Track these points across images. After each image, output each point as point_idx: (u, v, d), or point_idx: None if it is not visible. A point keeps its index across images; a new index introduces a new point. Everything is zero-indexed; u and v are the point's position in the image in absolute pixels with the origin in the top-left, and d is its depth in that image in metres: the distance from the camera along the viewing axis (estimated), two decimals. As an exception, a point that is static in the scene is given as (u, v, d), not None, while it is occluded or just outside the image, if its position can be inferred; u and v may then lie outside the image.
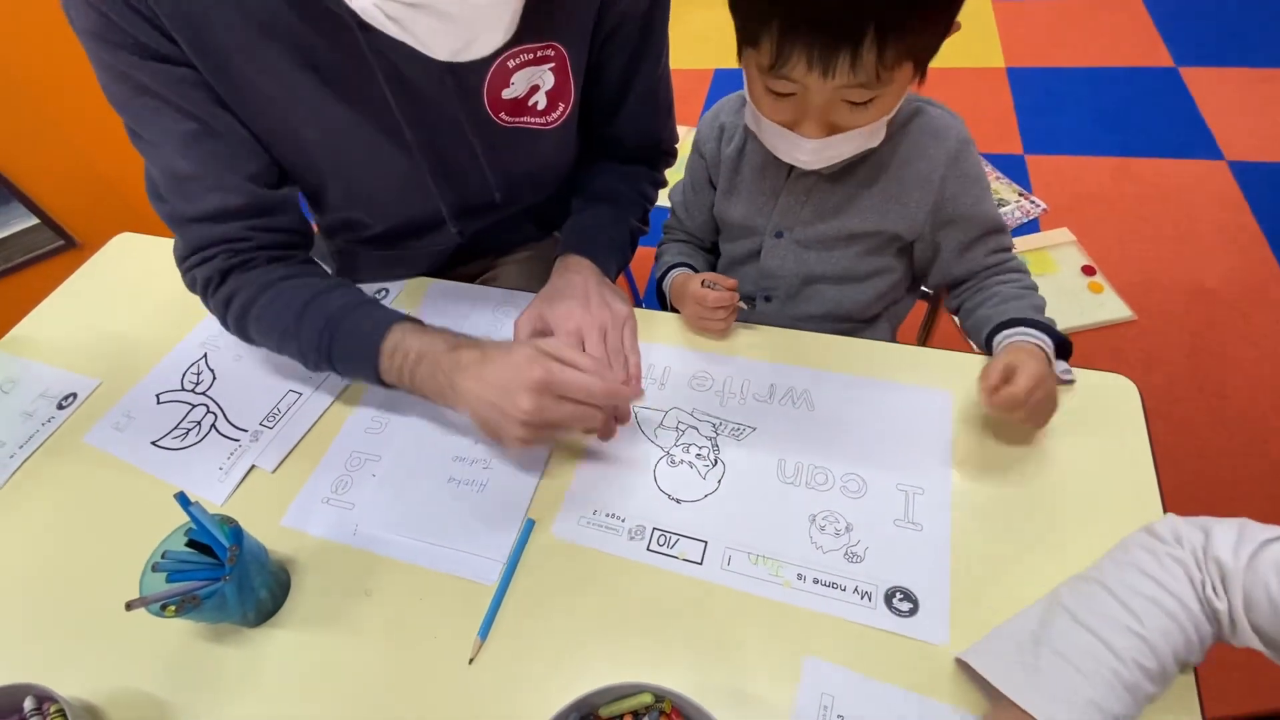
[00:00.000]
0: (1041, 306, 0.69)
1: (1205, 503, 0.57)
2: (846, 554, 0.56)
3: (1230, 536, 0.43)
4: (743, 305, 0.71)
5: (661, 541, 0.57)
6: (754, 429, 0.65)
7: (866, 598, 0.53)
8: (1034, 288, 0.71)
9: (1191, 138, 1.88)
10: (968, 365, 0.68)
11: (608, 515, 0.59)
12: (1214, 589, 0.43)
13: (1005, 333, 0.66)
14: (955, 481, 0.59)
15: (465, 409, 0.60)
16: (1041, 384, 0.57)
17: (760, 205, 0.76)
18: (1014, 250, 0.74)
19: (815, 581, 0.54)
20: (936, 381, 0.67)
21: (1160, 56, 2.16)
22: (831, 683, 0.49)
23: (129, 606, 0.49)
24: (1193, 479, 1.27)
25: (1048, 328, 0.65)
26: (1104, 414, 0.62)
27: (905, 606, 0.52)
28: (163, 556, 0.54)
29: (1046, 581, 0.52)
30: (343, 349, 0.63)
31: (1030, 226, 1.72)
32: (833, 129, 0.60)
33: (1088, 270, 1.59)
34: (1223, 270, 1.58)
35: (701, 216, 0.84)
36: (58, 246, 1.48)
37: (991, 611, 0.51)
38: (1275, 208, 1.68)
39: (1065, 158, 1.89)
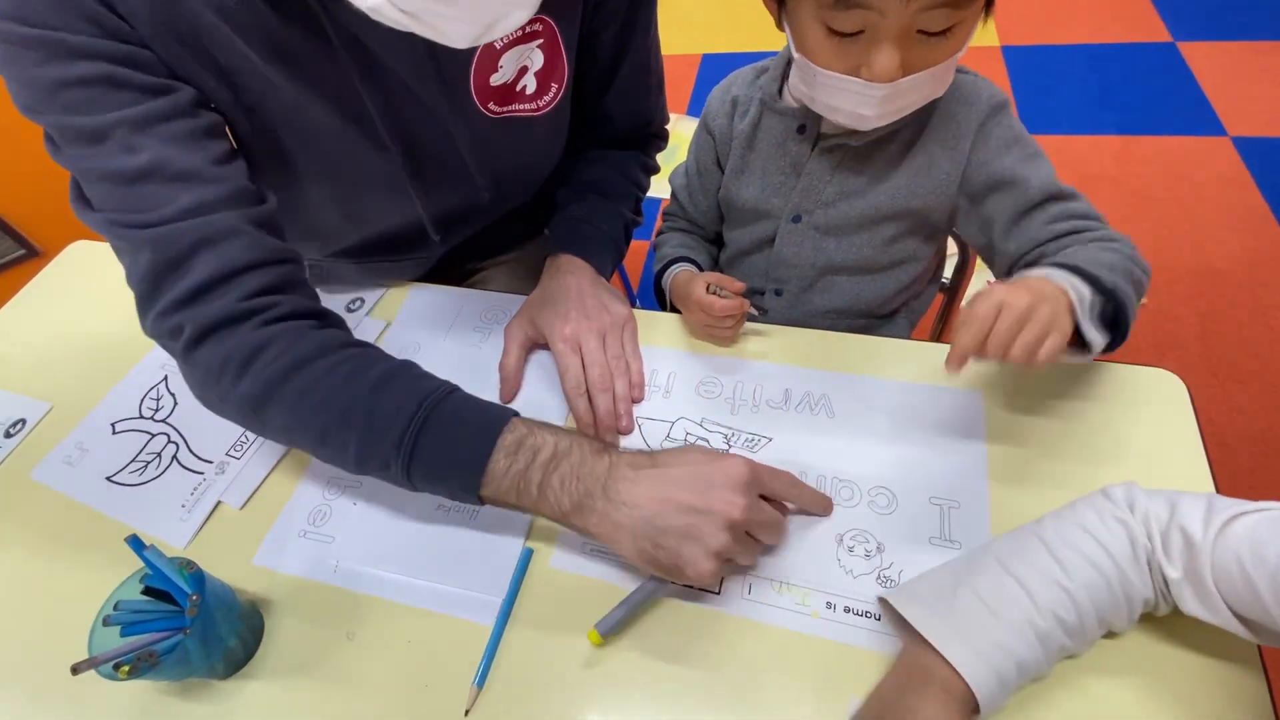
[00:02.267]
0: (1115, 265, 0.52)
1: (1228, 491, 0.52)
2: (879, 578, 0.50)
3: (1199, 508, 0.42)
4: (753, 311, 0.65)
5: (676, 571, 0.52)
6: (769, 439, 0.59)
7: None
8: (1125, 253, 0.54)
9: (1193, 114, 1.85)
10: (996, 363, 0.63)
11: (614, 543, 0.54)
12: (1166, 556, 0.42)
13: (1026, 271, 0.52)
14: (993, 494, 0.54)
15: (622, 529, 0.46)
16: (1017, 312, 0.44)
17: (777, 185, 0.70)
18: (1099, 221, 0.59)
19: (846, 610, 0.49)
20: (965, 382, 0.61)
21: (1157, 31, 2.12)
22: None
23: (75, 670, 0.43)
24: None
25: (1093, 276, 0.50)
26: (1150, 413, 0.58)
27: (947, 636, 0.47)
28: (115, 608, 0.48)
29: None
30: (436, 443, 0.47)
31: (1033, 209, 1.68)
32: (906, 68, 0.52)
33: (1094, 253, 1.55)
34: (1231, 250, 1.54)
35: (706, 202, 0.78)
36: (18, 255, 1.41)
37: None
38: (1282, 184, 1.64)
39: (1066, 137, 1.85)
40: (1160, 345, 1.40)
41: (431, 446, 0.48)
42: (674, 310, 0.72)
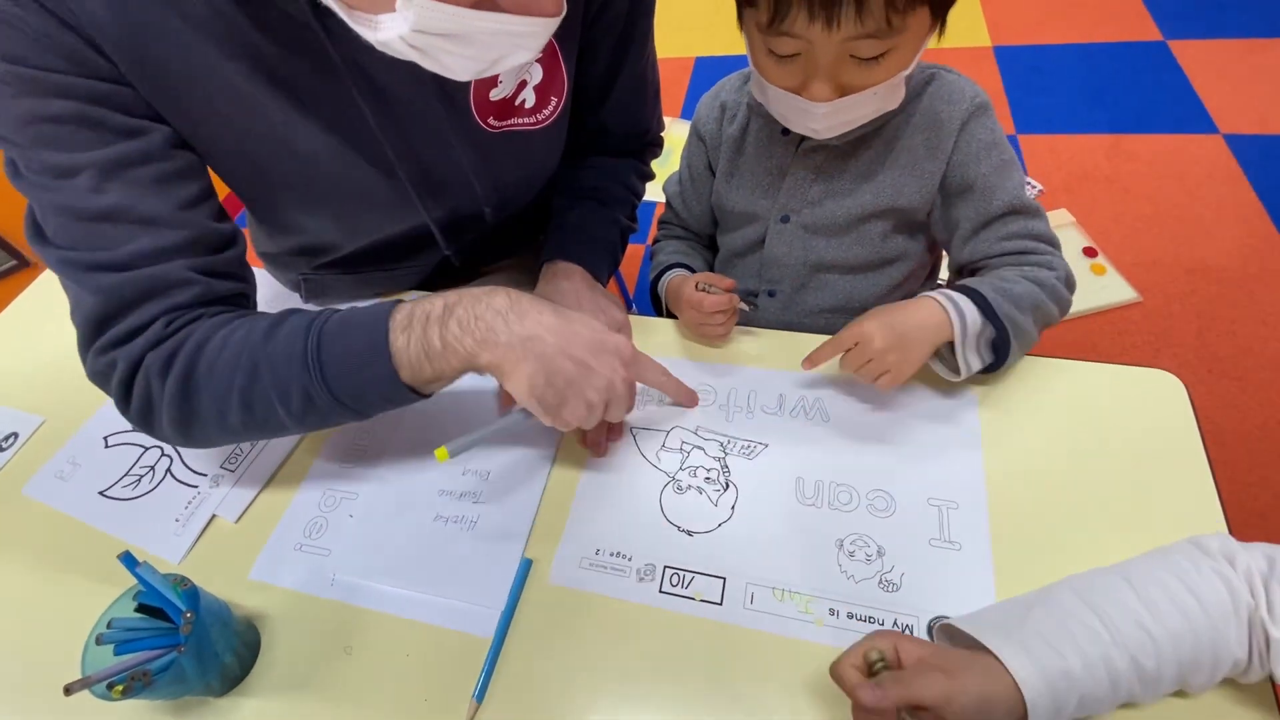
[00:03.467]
0: (1022, 298, 0.57)
1: (1226, 489, 0.52)
2: (881, 582, 0.50)
3: None
4: (744, 306, 0.65)
5: (675, 581, 0.51)
6: (766, 446, 0.59)
7: (908, 631, 0.48)
8: (1049, 285, 0.59)
9: (1185, 112, 1.85)
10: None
11: (612, 554, 0.53)
12: (1270, 615, 0.38)
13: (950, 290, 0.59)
14: (990, 493, 0.54)
15: (524, 360, 0.47)
16: (869, 351, 0.55)
17: (765, 187, 0.70)
18: (1049, 246, 0.62)
19: (850, 616, 0.49)
20: (960, 384, 0.61)
21: (1148, 30, 2.12)
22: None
23: (68, 690, 0.43)
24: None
25: (990, 309, 0.56)
26: (1148, 414, 0.58)
27: (950, 640, 0.47)
28: (108, 626, 0.47)
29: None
30: (336, 345, 0.48)
31: (1027, 209, 1.68)
32: (844, 89, 0.54)
33: (1089, 252, 1.55)
34: (1226, 247, 1.54)
35: (700, 207, 0.78)
36: (9, 267, 1.40)
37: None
38: (1274, 181, 1.65)
39: (1058, 136, 1.85)
40: (1156, 342, 1.40)
41: (334, 359, 0.48)
42: (670, 316, 0.72)
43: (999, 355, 0.57)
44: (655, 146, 0.82)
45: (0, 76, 0.45)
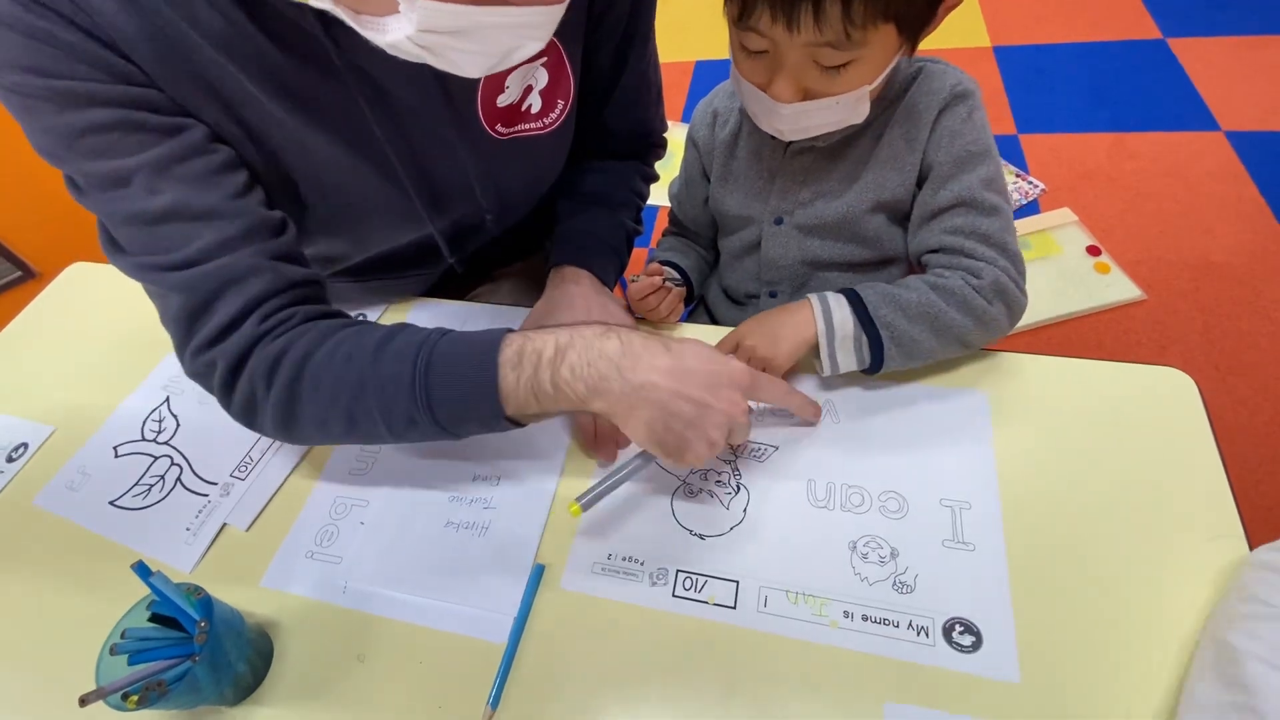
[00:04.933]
0: (911, 306, 0.57)
1: (1237, 485, 0.52)
2: (895, 584, 0.50)
3: None
4: (673, 277, 0.69)
5: (688, 585, 0.51)
6: (776, 448, 0.59)
7: (923, 633, 0.47)
8: (959, 295, 0.57)
9: (1186, 109, 1.85)
10: (1001, 363, 0.62)
11: (624, 559, 0.53)
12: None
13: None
14: (1003, 492, 0.54)
15: (638, 408, 0.47)
16: (746, 352, 0.60)
17: (758, 190, 0.71)
18: (992, 249, 0.58)
19: (865, 619, 0.48)
20: (968, 382, 0.61)
21: (1147, 28, 2.12)
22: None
23: (83, 701, 0.42)
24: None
25: (869, 316, 0.57)
26: (1159, 412, 0.57)
27: (967, 640, 0.47)
28: (122, 636, 0.47)
29: (1120, 601, 0.47)
30: (444, 374, 0.48)
31: (1030, 208, 1.68)
32: (807, 94, 0.55)
33: (1093, 250, 1.55)
34: (1229, 244, 1.54)
35: (695, 211, 0.79)
36: (15, 278, 1.41)
37: (1064, 640, 0.46)
38: (1277, 177, 1.64)
39: (1060, 135, 1.85)
40: (1162, 340, 1.39)
41: (441, 388, 0.48)
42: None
43: (875, 359, 0.58)
44: (659, 148, 0.82)
45: (37, 93, 0.45)
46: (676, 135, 0.73)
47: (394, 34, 0.40)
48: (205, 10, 0.46)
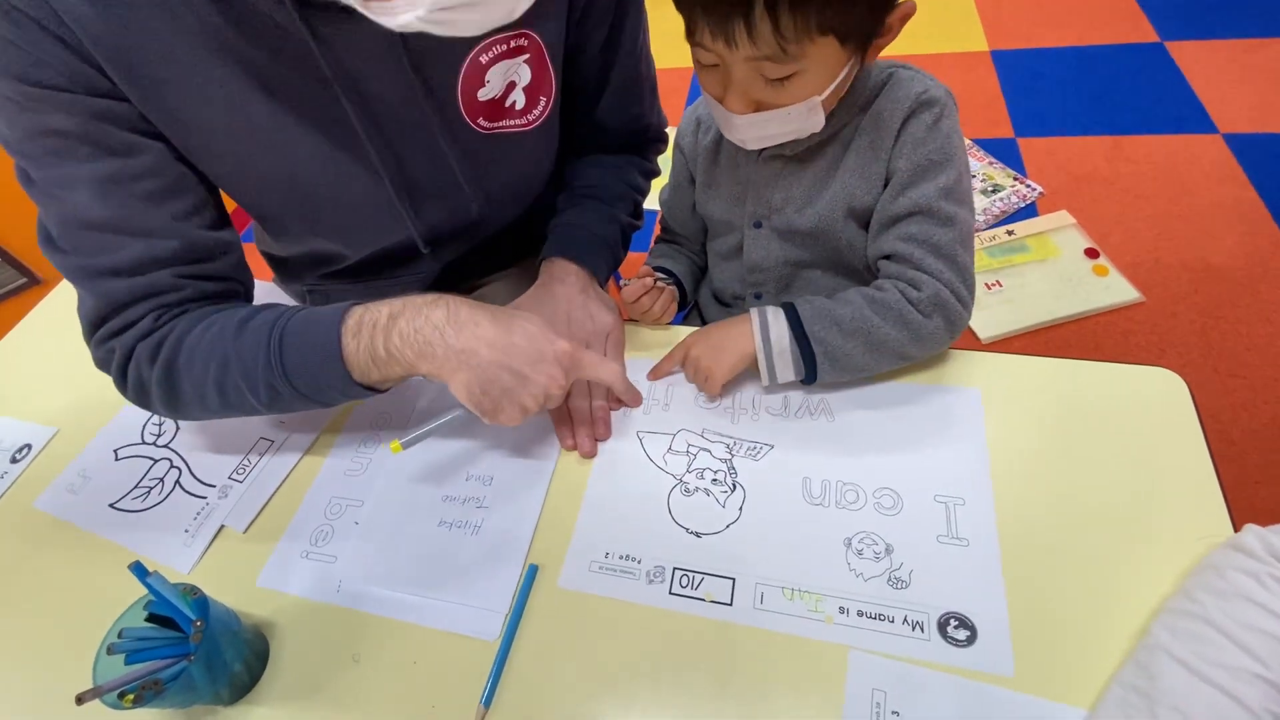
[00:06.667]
0: (845, 320, 0.57)
1: (1233, 487, 0.52)
2: (890, 579, 0.50)
3: None
4: (662, 280, 0.68)
5: (685, 583, 0.51)
6: (772, 446, 0.59)
7: (918, 628, 0.47)
8: (894, 306, 0.57)
9: (1183, 112, 1.85)
10: (993, 361, 0.63)
11: (621, 557, 0.53)
12: None
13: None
14: (997, 489, 0.54)
15: (458, 371, 0.51)
16: (692, 363, 0.62)
17: (737, 195, 0.71)
18: (942, 258, 0.58)
19: (860, 614, 0.48)
20: (961, 379, 0.62)
21: (1144, 32, 2.13)
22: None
23: (79, 700, 0.43)
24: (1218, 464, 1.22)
25: (802, 331, 0.58)
26: (1150, 412, 0.57)
27: (962, 635, 0.47)
28: (119, 636, 0.47)
29: (1111, 596, 0.47)
30: (295, 346, 0.52)
31: (1028, 211, 1.68)
32: (758, 105, 0.56)
33: (1091, 253, 1.55)
34: (1227, 246, 1.54)
35: (684, 215, 0.80)
36: (20, 284, 1.42)
37: (1057, 634, 0.46)
38: (1274, 179, 1.64)
39: (1057, 139, 1.86)
40: (1160, 342, 1.39)
41: (294, 359, 0.52)
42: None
43: (809, 372, 0.59)
44: (659, 142, 0.82)
45: (5, 93, 0.47)
46: (673, 140, 0.74)
47: (405, 15, 0.41)
48: (184, 11, 0.47)
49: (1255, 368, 1.34)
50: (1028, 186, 1.73)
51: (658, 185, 0.84)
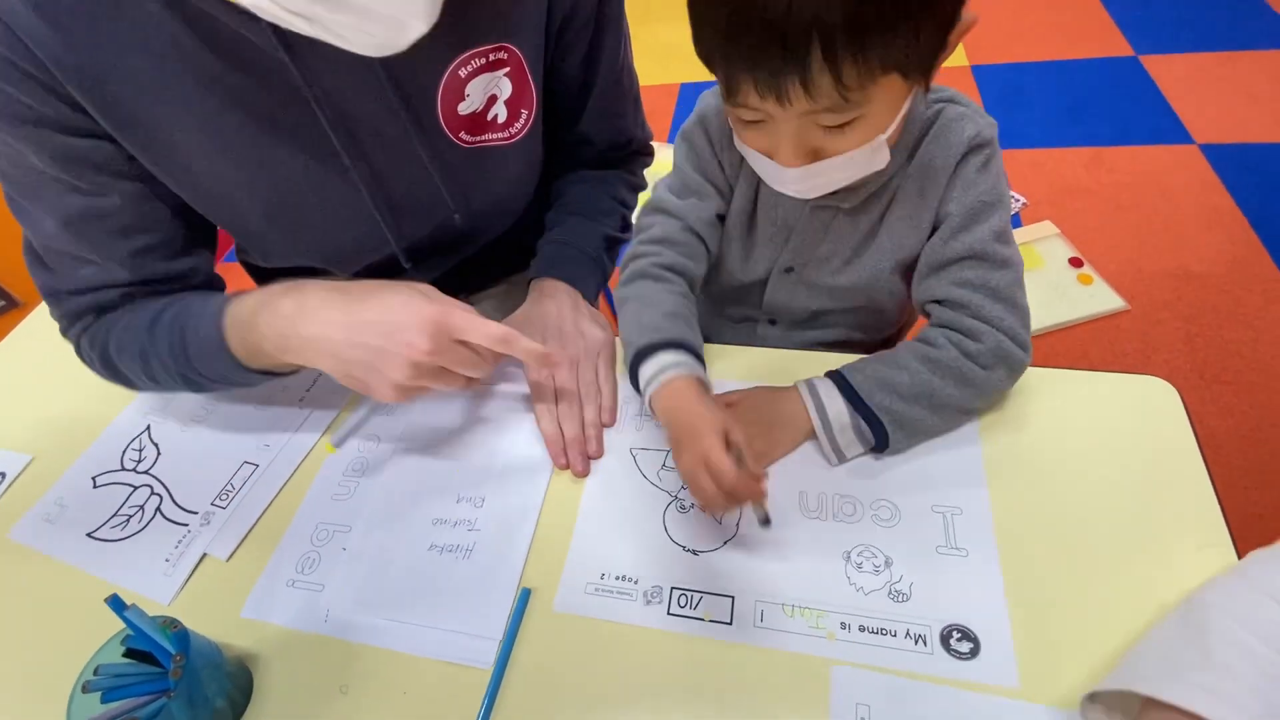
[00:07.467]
0: (904, 387, 0.54)
1: (1224, 492, 0.52)
2: (890, 592, 0.49)
3: None
4: (764, 513, 0.50)
5: (683, 602, 0.50)
6: (768, 460, 0.58)
7: (920, 641, 0.47)
8: (952, 365, 0.54)
9: (1160, 124, 1.89)
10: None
11: (617, 578, 0.52)
12: None
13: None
14: (993, 498, 0.54)
15: (319, 359, 0.51)
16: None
17: (769, 236, 0.67)
18: (1000, 306, 0.55)
19: (862, 629, 0.48)
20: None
21: (1119, 46, 2.18)
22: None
23: (52, 742, 0.41)
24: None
25: (860, 401, 0.54)
26: (1143, 420, 0.58)
27: (965, 647, 0.46)
28: (95, 673, 0.45)
29: (1115, 603, 0.47)
30: (194, 341, 0.55)
31: (1013, 222, 1.70)
32: (815, 155, 0.51)
33: (1075, 262, 1.57)
34: (1208, 254, 1.57)
35: (704, 229, 0.67)
36: (-2, 309, 1.39)
37: (1060, 644, 0.46)
38: (1250, 187, 1.68)
39: (1040, 150, 1.89)
40: (1146, 350, 1.41)
41: (196, 353, 0.55)
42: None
43: (879, 440, 0.54)
44: (644, 154, 0.81)
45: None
46: (663, 155, 0.73)
47: None
48: (155, 34, 0.47)
49: (1240, 372, 1.35)
50: (1012, 197, 1.75)
51: (643, 199, 0.84)
